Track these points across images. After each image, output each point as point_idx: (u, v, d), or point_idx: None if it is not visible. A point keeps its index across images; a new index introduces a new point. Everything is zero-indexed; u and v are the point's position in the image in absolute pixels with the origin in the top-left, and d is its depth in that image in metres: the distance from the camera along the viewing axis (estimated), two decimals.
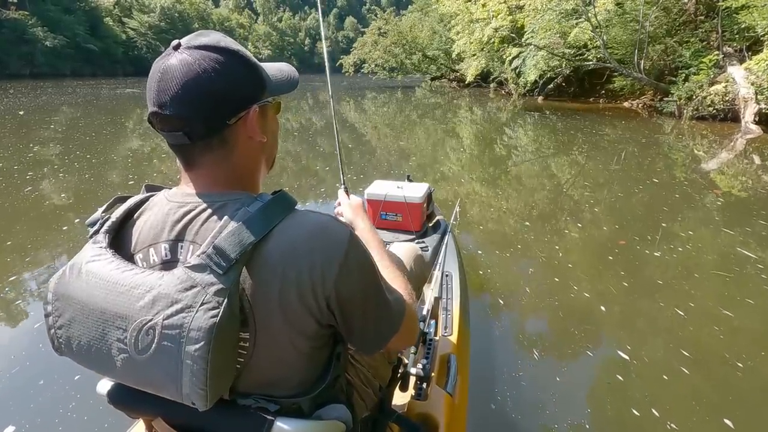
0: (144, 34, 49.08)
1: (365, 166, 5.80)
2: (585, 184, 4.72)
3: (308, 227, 0.56)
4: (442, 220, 2.15)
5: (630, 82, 11.62)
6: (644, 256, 2.81)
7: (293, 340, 0.56)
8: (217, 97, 0.55)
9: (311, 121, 10.61)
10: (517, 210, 3.91)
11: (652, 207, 3.84)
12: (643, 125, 8.94)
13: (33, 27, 35.93)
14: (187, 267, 0.51)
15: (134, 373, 0.53)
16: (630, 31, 10.93)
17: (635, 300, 2.33)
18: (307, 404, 0.60)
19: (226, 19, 73.23)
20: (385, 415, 0.81)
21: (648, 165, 5.46)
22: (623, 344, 1.95)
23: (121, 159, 5.82)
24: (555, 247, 2.99)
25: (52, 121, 9.34)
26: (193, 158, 0.59)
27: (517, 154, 6.70)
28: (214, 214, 0.56)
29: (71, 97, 16.10)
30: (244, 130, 0.59)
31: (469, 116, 11.62)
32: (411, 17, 27.69)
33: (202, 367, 0.48)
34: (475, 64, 16.05)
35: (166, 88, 0.54)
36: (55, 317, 0.56)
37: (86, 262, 0.55)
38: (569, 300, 2.32)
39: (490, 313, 2.22)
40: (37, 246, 3.04)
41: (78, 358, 0.56)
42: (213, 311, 0.49)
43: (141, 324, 0.50)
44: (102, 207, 0.63)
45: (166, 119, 0.56)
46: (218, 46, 0.56)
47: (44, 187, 4.39)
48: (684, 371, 1.78)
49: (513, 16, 13.43)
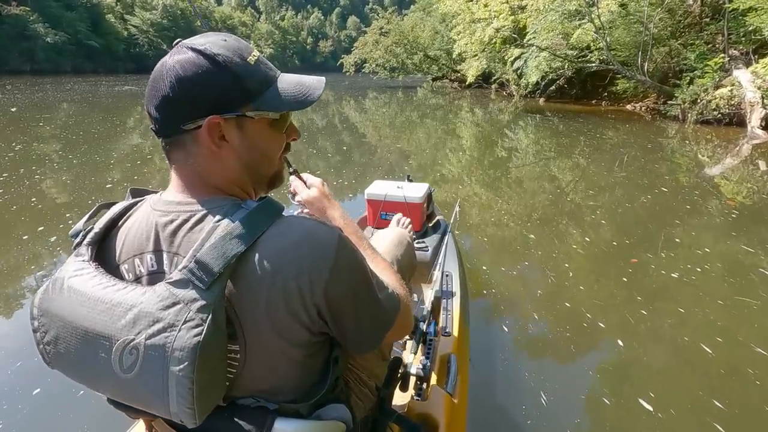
0: (146, 32, 49.03)
1: (366, 165, 5.83)
2: (586, 188, 4.65)
3: (294, 235, 0.54)
4: (442, 221, 2.14)
5: (633, 84, 11.46)
6: (645, 262, 2.77)
7: (284, 350, 0.55)
8: (173, 101, 0.55)
9: (314, 120, 10.55)
10: (518, 212, 3.87)
11: (654, 212, 3.77)
12: (647, 129, 8.80)
13: (34, 23, 35.91)
14: (168, 283, 0.50)
15: (122, 391, 0.52)
16: (634, 33, 10.79)
17: (636, 305, 2.28)
18: (306, 409, 0.59)
19: (229, 17, 73.20)
20: (385, 415, 0.81)
21: (651, 169, 5.36)
22: (623, 347, 1.95)
23: (104, 160, 5.66)
24: (554, 250, 2.98)
25: (42, 119, 9.16)
26: (168, 156, 0.60)
27: (518, 156, 6.61)
28: (197, 223, 0.55)
29: (68, 94, 15.95)
30: (204, 138, 0.57)
31: (470, 117, 11.55)
32: (413, 17, 27.67)
33: (187, 387, 0.47)
34: (475, 65, 15.91)
35: (152, 88, 0.56)
36: (42, 333, 0.55)
37: (68, 277, 0.54)
38: (569, 302, 2.32)
39: (490, 313, 2.23)
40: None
41: (69, 374, 0.56)
42: (197, 329, 0.47)
43: (124, 343, 0.49)
44: (85, 216, 0.61)
45: (154, 119, 0.57)
46: (197, 48, 0.55)
47: (18, 191, 4.21)
48: (684, 376, 1.77)
49: (515, 17, 13.30)
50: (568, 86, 14.07)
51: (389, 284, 0.67)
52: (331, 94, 18.95)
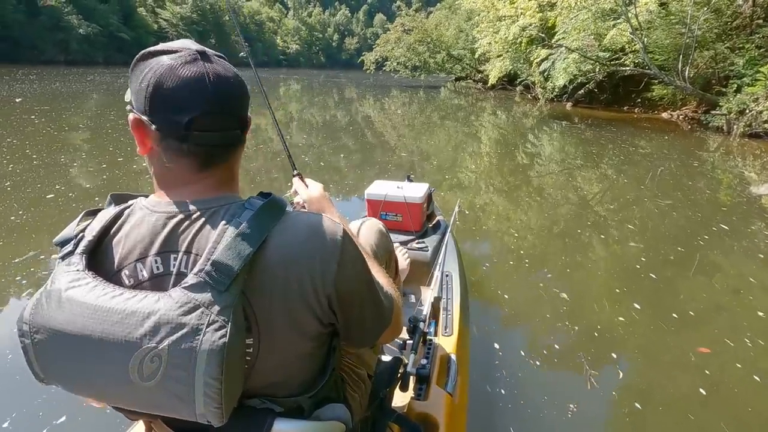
0: (175, 25, 50.12)
1: (384, 164, 5.87)
2: (613, 200, 4.44)
3: (303, 230, 0.57)
4: (442, 221, 2.15)
5: (671, 90, 10.89)
6: (675, 283, 2.61)
7: (296, 343, 0.58)
8: (245, 104, 0.62)
9: (336, 117, 10.71)
10: (535, 219, 3.79)
11: (689, 231, 3.53)
12: (684, 140, 8.29)
13: (68, 15, 36.94)
14: (185, 288, 0.50)
15: (139, 399, 0.52)
16: (675, 35, 10.11)
17: (657, 326, 2.18)
18: (307, 402, 0.62)
19: (257, 13, 73.98)
20: (385, 415, 0.83)
21: (688, 185, 5.00)
22: (623, 351, 1.99)
23: (69, 160, 5.34)
24: (571, 259, 2.93)
25: (39, 111, 8.85)
26: (215, 159, 0.60)
27: (540, 163, 6.33)
28: (206, 223, 0.56)
29: (84, 85, 15.91)
30: (246, 135, 0.64)
31: (493, 120, 11.37)
32: (437, 15, 27.31)
33: (216, 387, 0.48)
34: (498, 65, 15.19)
35: (225, 90, 0.57)
36: (37, 349, 0.53)
37: (65, 289, 0.52)
38: (570, 303, 2.35)
39: (490, 313, 2.25)
40: None
41: (68, 387, 0.55)
42: (221, 331, 0.49)
43: (145, 352, 0.49)
44: (72, 224, 0.60)
45: (226, 119, 0.58)
46: (225, 58, 0.62)
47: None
48: (709, 415, 1.65)
49: (543, 14, 12.55)
50: (598, 91, 13.50)
51: (384, 284, 0.71)
52: (355, 92, 19.23)
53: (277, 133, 1.10)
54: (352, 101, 15.11)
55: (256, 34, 70.49)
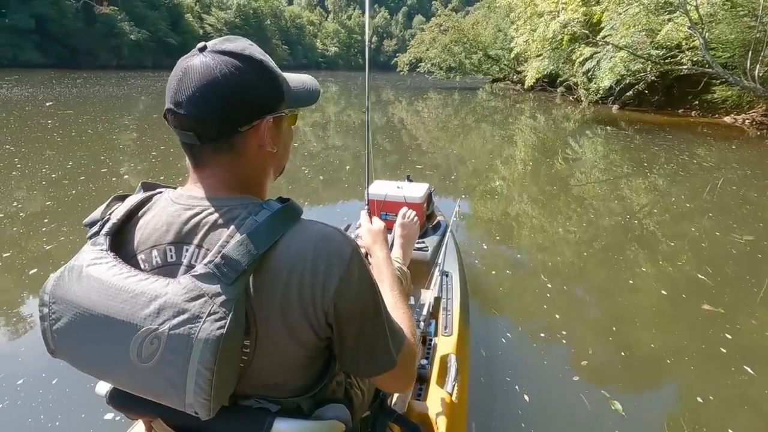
0: (219, 30, 51.98)
1: (419, 164, 5.88)
2: (663, 213, 4.10)
3: (313, 238, 0.57)
4: (442, 221, 2.17)
5: (736, 92, 9.94)
6: (734, 312, 2.32)
7: (292, 349, 0.57)
8: (232, 104, 0.56)
9: (373, 119, 10.67)
10: (574, 230, 3.63)
11: (754, 253, 3.15)
12: (751, 147, 7.63)
13: (121, 21, 39.11)
14: (193, 276, 0.51)
15: (135, 380, 0.52)
16: (742, 28, 9.15)
17: (707, 355, 2.02)
18: (306, 403, 0.61)
19: (297, 17, 75.63)
20: (385, 414, 0.83)
21: (754, 200, 4.54)
22: (624, 353, 1.97)
23: (72, 164, 5.28)
24: (612, 273, 2.84)
25: (64, 115, 8.94)
26: (201, 159, 0.60)
27: (582, 170, 5.97)
28: (221, 219, 0.57)
29: (121, 89, 16.22)
30: (255, 139, 0.60)
31: (531, 123, 10.92)
32: (475, 14, 26.72)
33: (207, 377, 0.48)
34: (536, 66, 14.31)
35: (184, 87, 0.56)
36: (52, 320, 0.55)
37: (87, 265, 0.55)
38: (570, 305, 2.38)
39: (490, 313, 2.26)
40: None
41: (74, 362, 0.56)
42: (220, 322, 0.49)
43: (146, 333, 0.50)
44: (101, 207, 0.62)
45: (180, 117, 0.57)
46: (242, 53, 0.58)
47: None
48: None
49: (587, 9, 11.64)
50: (649, 92, 12.54)
51: (401, 322, 0.69)
52: (390, 94, 19.37)
53: (365, 170, 1.14)
54: (389, 103, 15.11)
55: (297, 38, 72.05)
